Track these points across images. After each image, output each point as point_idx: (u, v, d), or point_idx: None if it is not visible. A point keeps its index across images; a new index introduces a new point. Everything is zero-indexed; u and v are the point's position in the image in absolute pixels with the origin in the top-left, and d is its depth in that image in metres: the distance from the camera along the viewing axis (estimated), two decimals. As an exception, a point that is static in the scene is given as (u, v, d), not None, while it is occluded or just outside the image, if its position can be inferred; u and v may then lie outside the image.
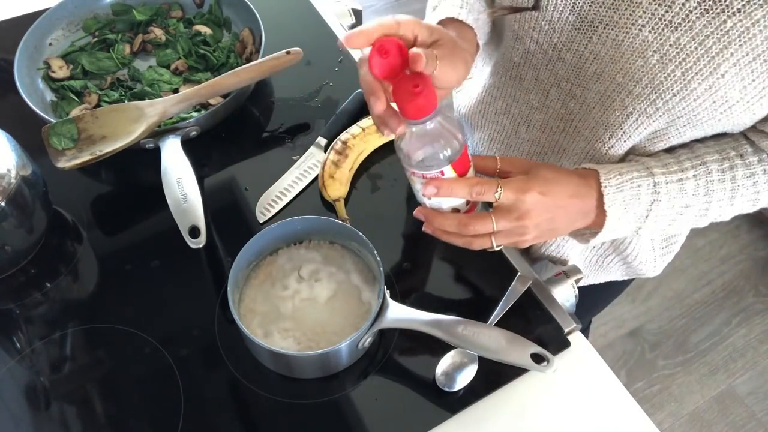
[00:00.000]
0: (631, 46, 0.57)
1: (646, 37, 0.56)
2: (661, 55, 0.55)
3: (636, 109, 0.61)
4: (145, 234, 0.77)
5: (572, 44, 0.62)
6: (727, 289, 1.87)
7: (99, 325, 0.69)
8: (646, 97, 0.59)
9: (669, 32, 0.54)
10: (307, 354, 0.61)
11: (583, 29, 0.60)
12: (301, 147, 0.85)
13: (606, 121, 0.64)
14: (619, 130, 0.64)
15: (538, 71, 0.68)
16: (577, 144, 0.70)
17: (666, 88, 0.57)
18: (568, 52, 0.63)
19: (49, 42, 0.92)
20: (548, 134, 0.72)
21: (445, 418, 0.63)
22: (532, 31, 0.65)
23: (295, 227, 0.70)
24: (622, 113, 0.62)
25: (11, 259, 0.72)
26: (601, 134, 0.66)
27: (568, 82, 0.65)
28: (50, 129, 0.74)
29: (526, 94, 0.71)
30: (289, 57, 0.83)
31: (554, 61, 0.65)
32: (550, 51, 0.64)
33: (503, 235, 0.59)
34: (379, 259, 0.65)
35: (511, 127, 0.76)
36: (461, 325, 0.63)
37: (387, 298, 0.64)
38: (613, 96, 0.62)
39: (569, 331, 0.70)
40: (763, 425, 1.65)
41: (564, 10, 0.60)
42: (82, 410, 0.64)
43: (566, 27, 0.61)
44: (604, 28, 0.58)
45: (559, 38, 0.63)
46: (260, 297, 0.68)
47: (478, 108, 0.80)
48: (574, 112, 0.68)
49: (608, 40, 0.59)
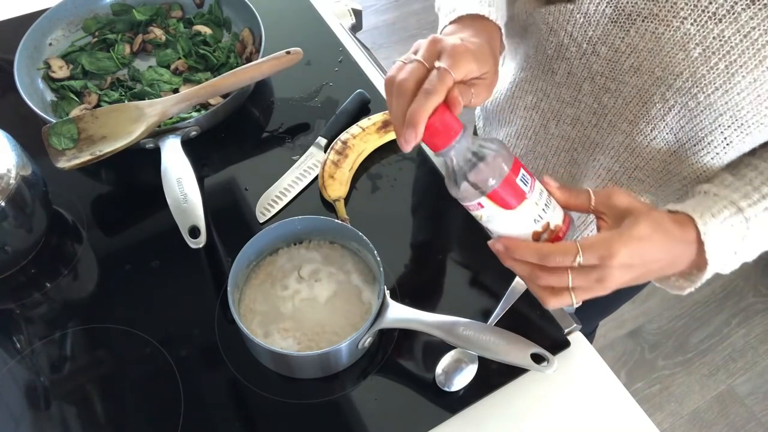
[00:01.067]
0: (671, 39, 0.56)
1: (688, 30, 0.55)
2: (703, 47, 0.55)
3: (678, 102, 0.60)
4: (145, 234, 0.77)
5: (608, 37, 0.61)
6: (727, 289, 1.87)
7: (99, 325, 0.69)
8: (687, 91, 0.58)
9: (713, 24, 0.53)
10: (307, 354, 0.61)
11: (620, 22, 0.59)
12: (301, 147, 0.85)
13: (647, 114, 0.63)
14: (661, 122, 0.63)
15: (571, 65, 0.67)
16: (613, 138, 0.69)
17: (708, 81, 0.56)
18: (603, 46, 0.62)
19: (49, 42, 0.92)
20: (579, 129, 0.72)
21: (445, 418, 0.63)
22: (566, 24, 0.64)
23: (295, 227, 0.70)
24: (664, 106, 0.61)
25: (11, 259, 0.72)
26: (642, 127, 0.65)
27: (602, 76, 0.65)
28: (50, 129, 0.74)
29: (557, 89, 0.70)
30: (289, 57, 0.83)
31: (588, 54, 0.64)
32: (584, 44, 0.64)
33: (582, 291, 0.53)
34: (379, 259, 0.65)
35: (540, 122, 0.76)
36: (461, 325, 0.63)
37: (387, 298, 0.64)
38: (653, 90, 0.61)
39: (569, 331, 0.70)
40: (763, 425, 1.65)
41: (601, 3, 0.60)
42: (82, 410, 0.64)
43: (602, 20, 0.60)
44: (643, 21, 0.57)
45: (594, 31, 0.62)
46: (260, 297, 0.68)
47: (507, 104, 0.80)
48: (608, 107, 0.67)
49: (647, 33, 0.58)
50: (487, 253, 0.76)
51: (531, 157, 0.81)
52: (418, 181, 0.83)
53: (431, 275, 0.74)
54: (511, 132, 0.81)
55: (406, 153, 0.85)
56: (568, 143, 0.74)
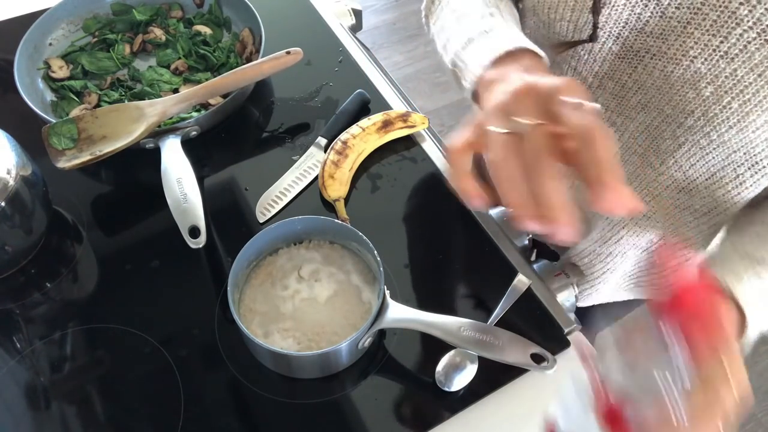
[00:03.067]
0: (681, 78, 0.55)
1: (699, 69, 0.53)
2: (715, 86, 0.53)
3: (688, 140, 0.58)
4: (145, 234, 0.77)
5: (615, 73, 0.60)
6: (727, 289, 1.87)
7: (99, 325, 0.69)
8: (699, 129, 0.56)
9: (725, 63, 0.52)
10: (307, 354, 0.61)
11: (628, 59, 0.58)
12: (301, 147, 0.85)
13: (657, 149, 0.62)
14: (670, 158, 0.61)
15: None
16: (623, 169, 0.66)
17: (721, 120, 0.54)
18: (610, 81, 0.61)
19: (49, 42, 0.92)
20: None
21: (445, 418, 0.63)
22: (570, 59, 0.62)
23: (295, 227, 0.70)
24: (674, 143, 0.60)
25: (11, 259, 0.72)
26: (652, 160, 0.63)
27: (608, 110, 0.63)
28: (50, 129, 0.74)
29: None
30: (289, 57, 0.83)
31: (594, 88, 0.63)
32: (590, 78, 0.62)
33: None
34: (379, 259, 0.65)
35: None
36: (461, 325, 0.63)
37: (387, 298, 0.64)
38: (662, 127, 0.59)
39: (569, 331, 0.69)
40: (763, 425, 1.65)
41: (607, 41, 0.58)
42: (82, 410, 0.64)
43: (609, 56, 0.59)
44: (651, 59, 0.56)
45: (601, 67, 0.60)
46: (260, 297, 0.68)
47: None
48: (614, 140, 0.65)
49: (655, 71, 0.56)
50: (486, 254, 0.76)
51: None
52: (418, 181, 0.83)
53: (431, 275, 0.74)
54: None
55: (406, 153, 0.85)
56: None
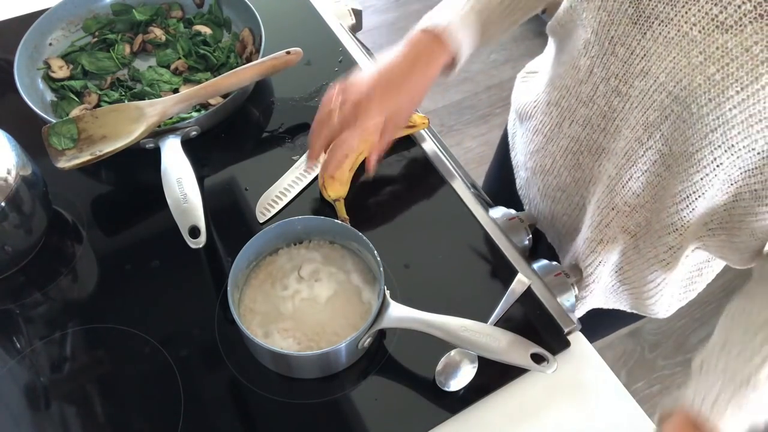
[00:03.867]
0: (678, 44, 0.57)
1: (695, 36, 0.55)
2: (705, 56, 0.55)
3: (674, 111, 0.60)
4: (145, 234, 0.77)
5: (626, 38, 0.62)
6: (727, 289, 1.86)
7: (99, 325, 0.69)
8: (683, 100, 0.58)
9: (718, 34, 0.53)
10: (307, 354, 0.61)
11: (640, 23, 0.60)
12: (301, 147, 0.85)
13: (646, 121, 0.64)
14: (657, 131, 0.63)
15: (593, 63, 0.67)
16: (617, 144, 0.69)
17: (703, 91, 0.56)
18: (621, 47, 0.63)
19: (49, 42, 0.92)
20: (588, 131, 0.72)
21: (445, 418, 0.63)
22: (593, 21, 0.65)
23: (295, 227, 0.70)
24: (661, 114, 0.62)
25: (11, 259, 0.72)
26: (640, 134, 0.65)
27: (616, 78, 0.65)
28: (50, 129, 0.74)
29: (578, 86, 0.71)
30: (289, 57, 0.83)
31: (608, 54, 0.65)
32: (606, 43, 0.64)
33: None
34: (379, 259, 0.65)
35: (557, 120, 0.76)
36: (461, 325, 0.63)
37: (387, 298, 0.64)
38: (654, 96, 0.61)
39: (569, 331, 0.70)
40: (763, 425, 1.65)
41: (624, 1, 0.60)
42: (82, 410, 0.64)
43: (624, 19, 0.61)
44: (659, 25, 0.58)
45: (616, 31, 0.62)
46: (260, 297, 0.68)
47: (535, 98, 0.81)
48: (617, 110, 0.67)
49: (660, 37, 0.58)
50: (486, 253, 0.76)
51: (541, 155, 0.81)
52: (418, 181, 0.83)
53: (431, 275, 0.74)
54: (530, 126, 0.82)
55: (406, 153, 0.85)
56: (576, 145, 0.74)
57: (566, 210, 0.82)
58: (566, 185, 0.79)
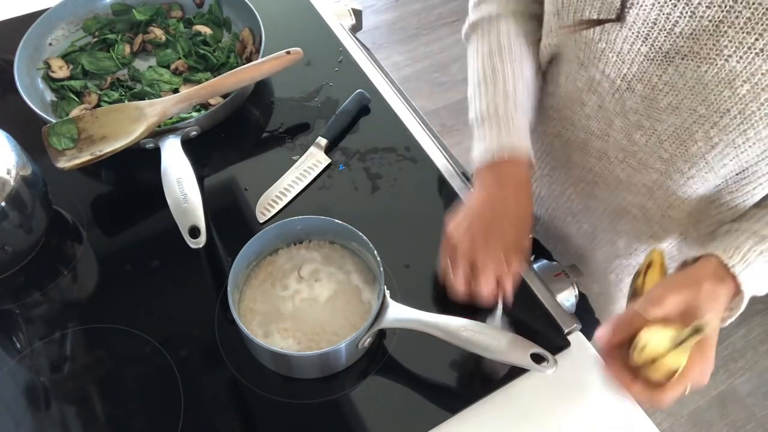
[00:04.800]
0: (716, 77, 0.54)
1: (734, 67, 0.52)
2: (752, 84, 0.52)
3: (722, 140, 0.58)
4: (145, 234, 0.77)
5: (644, 75, 0.59)
6: (727, 289, 1.87)
7: (99, 325, 0.69)
8: (735, 128, 0.56)
9: (761, 61, 0.51)
10: (307, 354, 0.61)
11: (657, 60, 0.57)
12: (301, 147, 0.85)
13: (685, 153, 0.61)
14: (701, 160, 0.61)
15: (603, 99, 0.65)
16: (643, 176, 0.67)
17: (759, 117, 0.54)
18: (639, 83, 0.60)
19: (49, 42, 0.92)
20: (605, 164, 0.70)
21: (445, 418, 0.63)
22: (597, 61, 0.62)
23: (295, 227, 0.70)
24: (706, 144, 0.59)
25: (11, 259, 0.72)
26: (680, 165, 0.63)
27: (636, 113, 0.62)
28: (50, 129, 0.74)
29: (586, 120, 0.68)
30: (289, 57, 0.83)
31: (623, 90, 0.62)
32: (618, 81, 0.62)
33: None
34: (379, 259, 0.65)
35: (563, 150, 0.74)
36: (461, 325, 0.63)
37: (387, 298, 0.64)
38: (694, 128, 0.59)
39: (569, 331, 0.70)
40: (763, 425, 1.65)
41: (635, 42, 0.57)
42: (82, 410, 0.64)
43: (637, 58, 0.58)
44: (682, 59, 0.55)
45: (630, 69, 0.60)
46: (260, 297, 0.68)
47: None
48: (639, 144, 0.65)
49: (687, 71, 0.55)
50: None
51: (547, 180, 0.80)
52: (418, 181, 0.83)
53: (431, 275, 0.74)
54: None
55: (406, 153, 0.85)
56: (591, 175, 0.73)
57: (577, 232, 0.82)
58: (578, 211, 0.79)
